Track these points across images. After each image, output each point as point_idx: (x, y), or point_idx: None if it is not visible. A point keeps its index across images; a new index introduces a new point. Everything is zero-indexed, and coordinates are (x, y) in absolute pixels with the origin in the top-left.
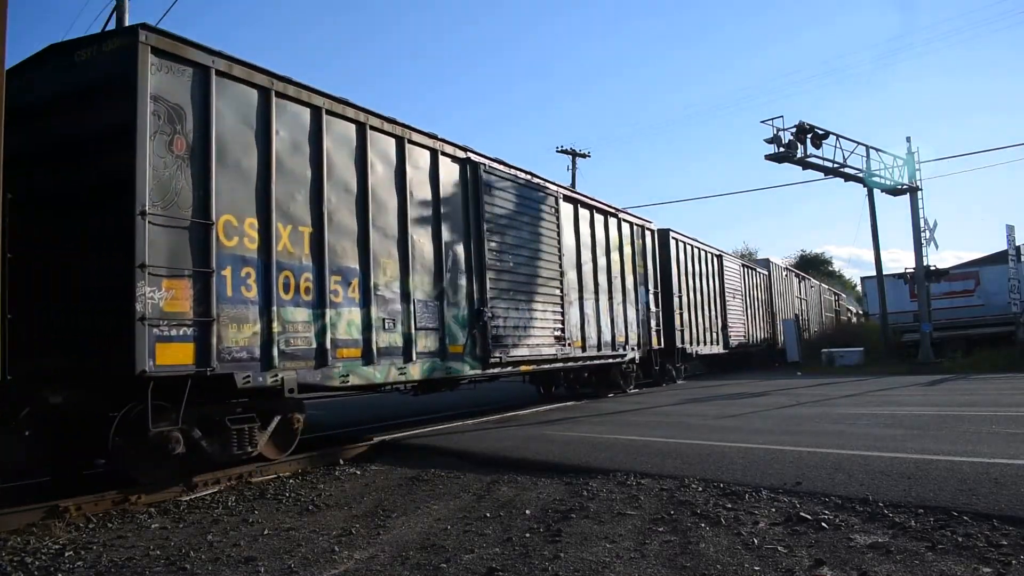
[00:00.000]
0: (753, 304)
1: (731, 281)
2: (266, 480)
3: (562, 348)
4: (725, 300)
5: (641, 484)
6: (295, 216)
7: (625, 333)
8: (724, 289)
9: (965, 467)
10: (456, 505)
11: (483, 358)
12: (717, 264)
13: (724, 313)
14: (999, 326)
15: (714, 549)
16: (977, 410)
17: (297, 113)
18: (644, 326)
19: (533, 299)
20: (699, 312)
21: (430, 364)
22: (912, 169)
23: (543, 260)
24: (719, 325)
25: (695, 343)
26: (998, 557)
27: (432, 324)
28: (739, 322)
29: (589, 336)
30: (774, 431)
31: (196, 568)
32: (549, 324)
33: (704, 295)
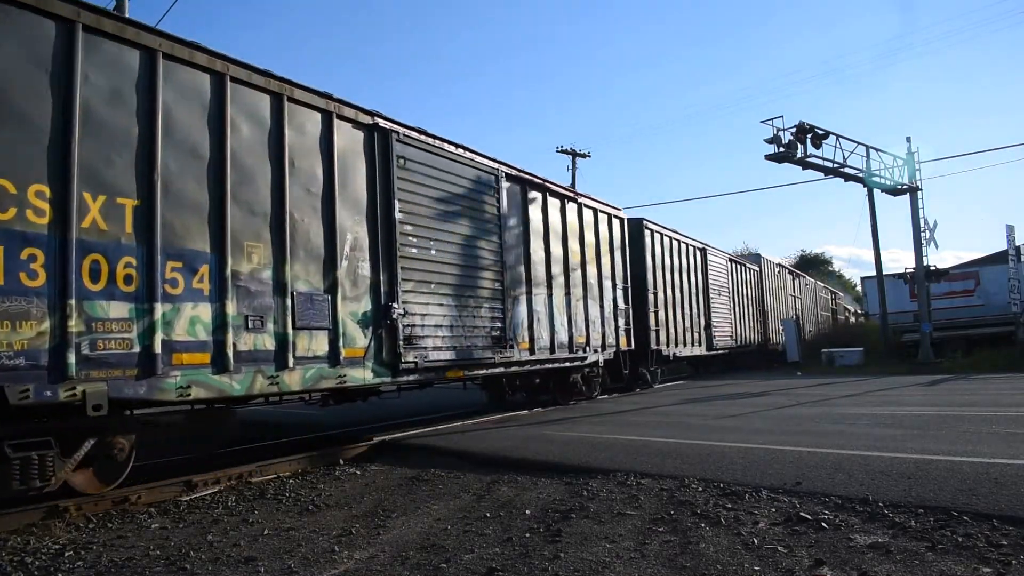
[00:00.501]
0: (742, 302)
1: (716, 277)
2: (266, 480)
3: (502, 351)
4: (709, 298)
5: (641, 484)
6: (112, 184)
7: (586, 333)
8: (708, 286)
9: (965, 467)
10: (456, 505)
11: (391, 363)
12: (700, 258)
13: (708, 312)
14: (999, 326)
15: (714, 549)
16: (977, 410)
17: (118, 55)
18: (611, 325)
19: (465, 294)
20: (678, 310)
21: (316, 371)
22: (912, 169)
23: (480, 249)
24: (702, 325)
25: (673, 344)
26: (998, 557)
27: (320, 322)
28: (725, 321)
29: (539, 337)
30: (774, 431)
31: (196, 568)
32: (486, 323)
33: (685, 292)
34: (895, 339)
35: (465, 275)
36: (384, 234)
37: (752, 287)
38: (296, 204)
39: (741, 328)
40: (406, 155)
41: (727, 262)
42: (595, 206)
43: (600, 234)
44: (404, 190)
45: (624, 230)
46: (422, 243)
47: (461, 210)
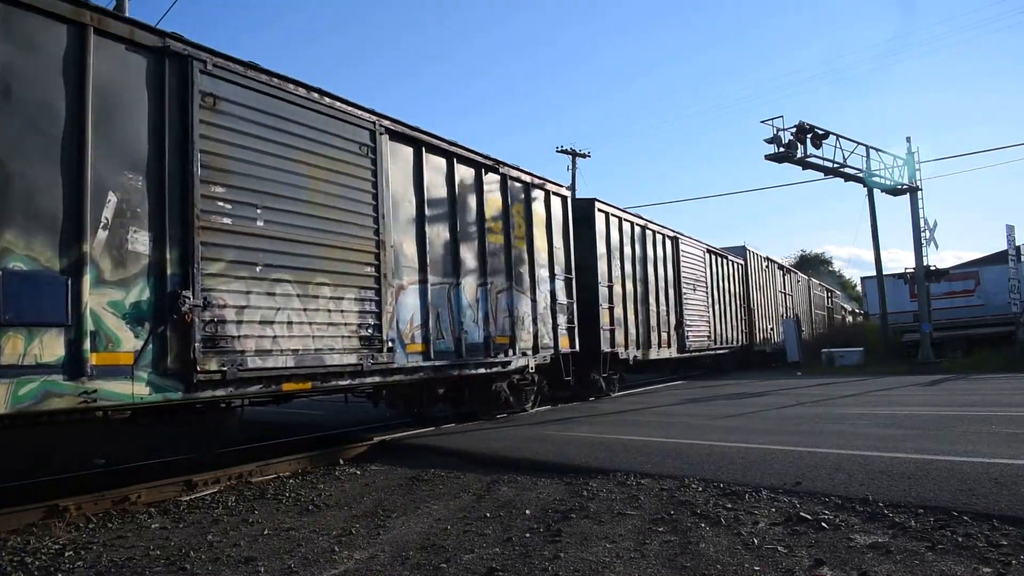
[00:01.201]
0: (723, 299)
1: (691, 270)
2: (266, 480)
3: (377, 355)
4: (682, 293)
5: (641, 484)
6: None
7: (511, 333)
8: (681, 279)
9: (965, 467)
10: (456, 505)
11: (181, 373)
12: (671, 248)
13: (680, 309)
14: (999, 326)
15: (714, 549)
16: (977, 410)
17: None
18: (547, 324)
19: (315, 280)
20: (641, 307)
21: (37, 388)
22: (912, 169)
23: (343, 223)
24: (672, 323)
25: (634, 346)
26: (998, 557)
27: (49, 316)
28: (701, 320)
29: (439, 337)
30: (774, 431)
31: (196, 568)
32: (351, 319)
33: (651, 286)
34: (895, 339)
35: (317, 256)
36: (176, 197)
37: (735, 282)
38: (11, 145)
39: (722, 327)
40: (218, 93)
41: (705, 253)
42: (526, 179)
43: (533, 213)
44: (214, 139)
45: (567, 211)
46: (242, 211)
47: (313, 171)
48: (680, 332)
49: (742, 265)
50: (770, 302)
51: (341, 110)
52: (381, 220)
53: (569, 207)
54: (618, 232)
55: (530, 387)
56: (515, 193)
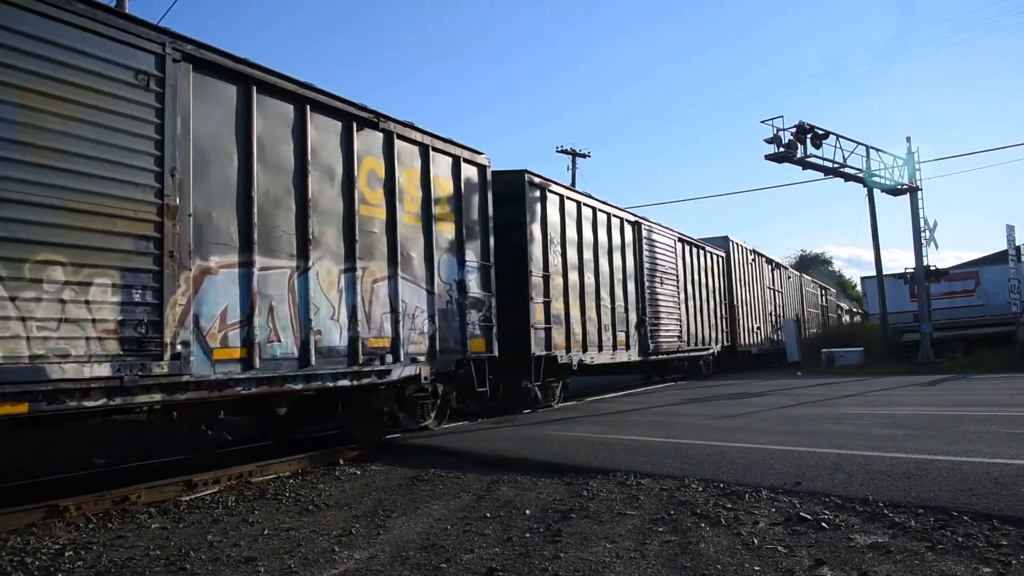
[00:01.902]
0: (700, 295)
1: (658, 261)
2: (266, 480)
3: (147, 363)
4: (645, 287)
5: (641, 484)
6: None
7: (393, 332)
8: (644, 272)
9: (965, 467)
10: (456, 505)
11: None
12: (633, 235)
13: (643, 305)
14: (999, 326)
15: (714, 549)
16: (977, 410)
17: None
18: (452, 320)
19: (37, 255)
20: (591, 302)
21: None
22: (912, 169)
23: (97, 178)
24: (631, 321)
25: (580, 348)
26: (998, 557)
27: None
28: (671, 318)
29: (272, 337)
30: (774, 431)
31: (196, 568)
32: (104, 314)
33: (604, 278)
34: (895, 339)
35: (42, 222)
36: None
37: (716, 277)
38: None
39: (697, 326)
40: None
41: (676, 243)
42: (422, 140)
43: (435, 184)
44: None
45: (485, 183)
46: None
47: (41, 103)
48: (643, 332)
49: (724, 258)
50: (757, 299)
51: (102, 21)
52: (169, 178)
53: (489, 179)
54: (559, 213)
55: (429, 399)
56: (406, 157)
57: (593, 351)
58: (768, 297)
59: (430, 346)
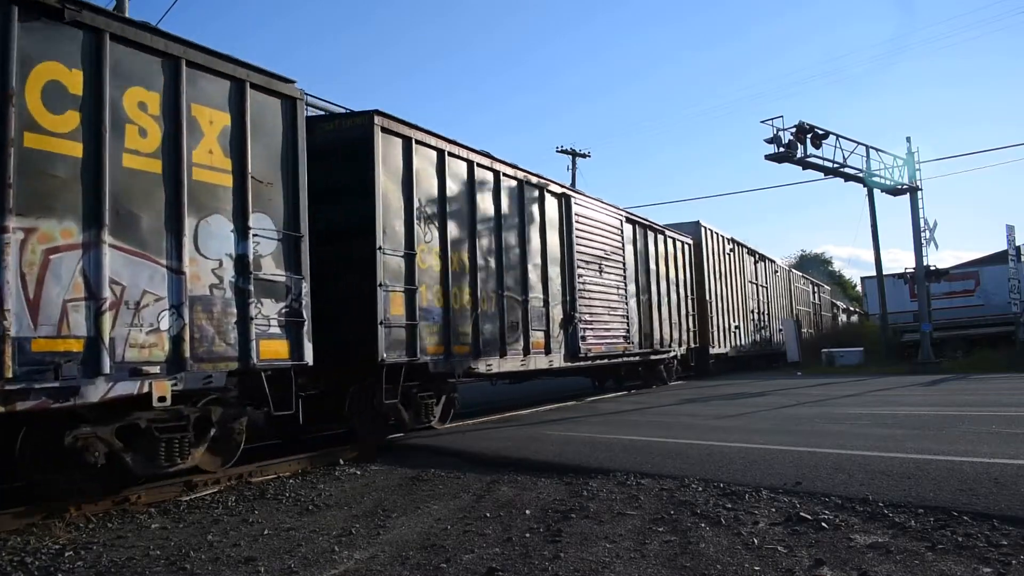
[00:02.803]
0: (658, 287)
1: (595, 244)
2: (266, 480)
3: None
4: (575, 276)
5: (641, 484)
6: None
7: (91, 328)
8: (575, 257)
9: (965, 467)
10: (456, 505)
11: None
12: (556, 210)
13: (571, 298)
14: (999, 326)
15: (714, 549)
16: (977, 410)
17: None
18: (226, 316)
19: None
20: (489, 291)
21: None
22: (912, 169)
23: None
24: (555, 319)
25: (472, 352)
26: (998, 557)
27: None
28: (614, 315)
29: None
30: (774, 431)
31: (196, 568)
32: None
33: (511, 261)
34: (895, 339)
35: None
36: None
37: (681, 267)
38: None
39: (654, 324)
40: None
41: (624, 223)
42: (166, 49)
43: (189, 115)
44: None
45: (293, 123)
46: None
47: None
48: (571, 331)
49: (691, 246)
50: (736, 294)
51: None
52: None
53: (300, 117)
54: (437, 174)
55: (179, 436)
56: (136, 71)
57: (492, 357)
58: (750, 293)
59: (173, 351)
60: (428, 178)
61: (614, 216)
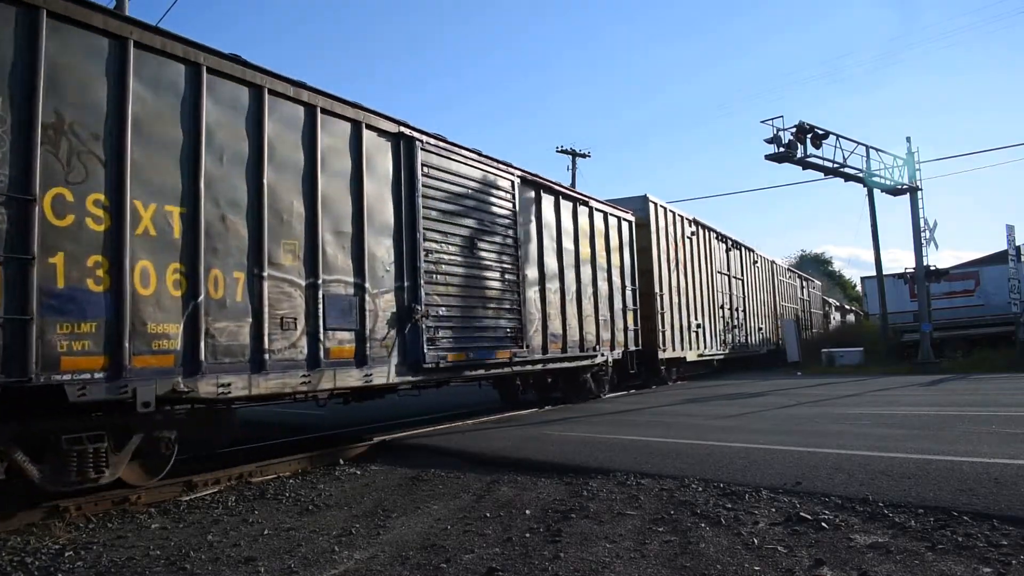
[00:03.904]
0: (576, 274)
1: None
2: (266, 480)
3: None
4: (419, 253)
5: (641, 484)
6: None
7: None
8: (418, 226)
9: (965, 467)
10: (456, 505)
11: None
12: (392, 157)
13: (414, 284)
14: (999, 326)
15: (714, 549)
16: (977, 410)
17: None
18: None
19: None
20: (225, 269)
21: None
22: (912, 169)
23: None
24: (382, 314)
25: (197, 366)
26: (998, 557)
27: None
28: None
29: None
30: (774, 431)
31: (196, 568)
32: None
33: (288, 226)
34: (895, 339)
35: None
36: None
37: (617, 250)
38: None
39: (575, 321)
40: None
41: (518, 185)
42: None
43: None
44: None
45: None
46: None
47: None
48: (411, 330)
49: (633, 224)
50: (699, 287)
51: None
52: None
53: None
54: (107, 73)
55: None
56: None
57: (235, 373)
58: (720, 285)
59: None
60: (83, 76)
61: (501, 174)
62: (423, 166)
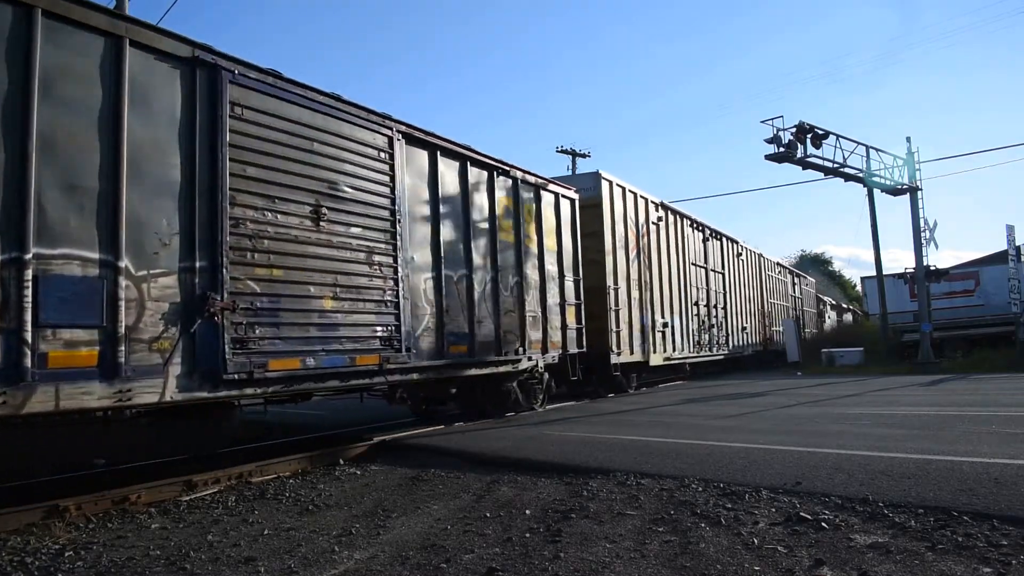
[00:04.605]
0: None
1: (324, 170)
2: (266, 480)
3: None
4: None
5: (641, 484)
6: None
7: None
8: (221, 183)
9: (965, 467)
10: (456, 505)
11: None
12: (182, 93)
13: (212, 260)
14: (999, 326)
15: (714, 549)
16: (977, 410)
17: None
18: None
19: None
20: None
21: None
22: (912, 169)
23: None
24: (155, 304)
25: None
26: (998, 557)
27: None
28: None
29: None
30: (774, 431)
31: (196, 568)
32: None
33: None
34: (895, 339)
35: None
36: None
37: (552, 233)
38: None
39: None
40: None
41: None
42: None
43: None
44: None
45: None
46: None
47: None
48: (205, 328)
49: (576, 204)
50: (670, 280)
51: None
52: None
53: None
54: None
55: None
56: None
57: None
58: (696, 279)
59: None
60: None
61: (372, 127)
62: (235, 106)
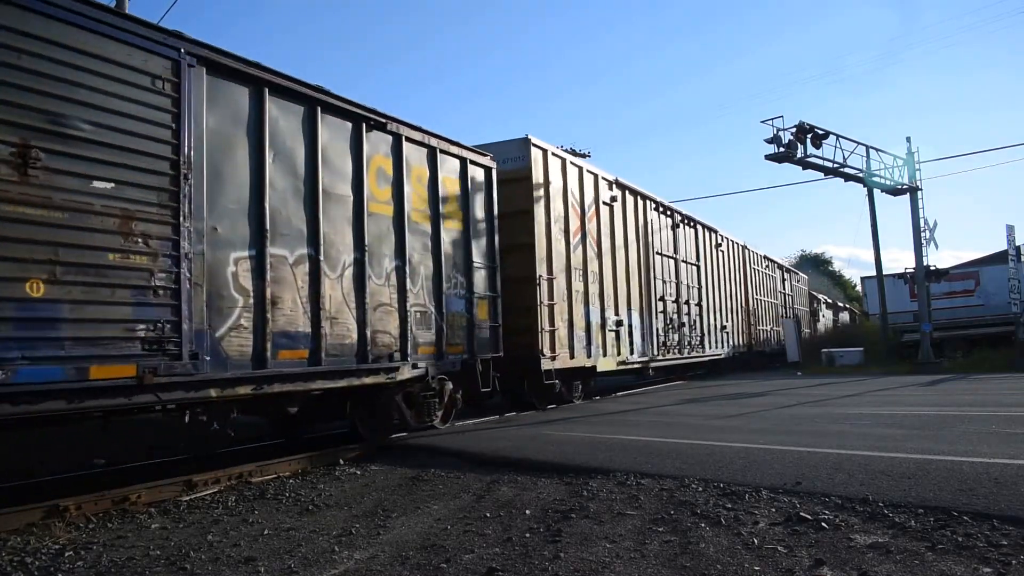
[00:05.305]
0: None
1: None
2: (266, 480)
3: None
4: None
5: (641, 484)
6: None
7: None
8: None
9: (965, 467)
10: (456, 505)
11: None
12: None
13: None
14: (999, 326)
15: (714, 549)
16: (977, 410)
17: None
18: None
19: None
20: None
21: None
22: (912, 169)
23: None
24: None
25: None
26: (998, 557)
27: None
28: (125, 285)
29: None
30: (774, 431)
31: (196, 568)
32: None
33: None
34: (895, 339)
35: None
36: None
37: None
38: None
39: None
40: None
41: (200, 72)
42: None
43: None
44: None
45: None
46: None
47: None
48: None
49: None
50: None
51: None
52: None
53: None
54: None
55: None
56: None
57: None
58: (662, 271)
59: None
60: None
61: (130, 39)
62: None
